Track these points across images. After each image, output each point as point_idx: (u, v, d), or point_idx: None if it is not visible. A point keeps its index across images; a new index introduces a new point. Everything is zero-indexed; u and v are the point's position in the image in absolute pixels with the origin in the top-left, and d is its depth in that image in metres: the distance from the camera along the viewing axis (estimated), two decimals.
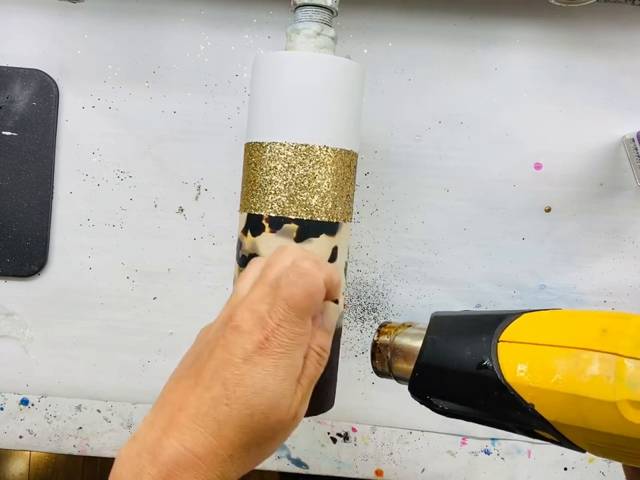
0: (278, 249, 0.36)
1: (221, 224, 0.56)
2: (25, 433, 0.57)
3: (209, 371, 0.32)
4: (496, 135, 0.55)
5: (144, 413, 0.57)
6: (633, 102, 0.54)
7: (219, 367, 0.32)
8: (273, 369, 0.32)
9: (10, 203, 0.55)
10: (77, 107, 0.56)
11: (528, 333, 0.29)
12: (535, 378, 0.28)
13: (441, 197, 0.55)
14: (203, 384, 0.32)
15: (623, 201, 0.55)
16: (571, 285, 0.56)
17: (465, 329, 0.31)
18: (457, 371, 0.30)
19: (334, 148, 0.40)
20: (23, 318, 0.57)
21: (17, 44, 0.55)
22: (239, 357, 0.32)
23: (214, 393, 0.31)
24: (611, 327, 0.27)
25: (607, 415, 0.25)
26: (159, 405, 0.33)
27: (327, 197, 0.41)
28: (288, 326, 0.32)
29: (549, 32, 0.54)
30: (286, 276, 0.33)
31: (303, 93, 0.40)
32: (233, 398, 0.31)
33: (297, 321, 0.32)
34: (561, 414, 0.27)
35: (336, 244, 0.41)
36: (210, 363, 0.32)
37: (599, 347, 0.27)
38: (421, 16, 0.55)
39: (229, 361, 0.32)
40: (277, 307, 0.32)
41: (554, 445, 0.29)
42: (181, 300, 0.56)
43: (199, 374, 0.32)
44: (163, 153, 0.56)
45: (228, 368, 0.32)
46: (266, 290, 0.33)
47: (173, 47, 0.55)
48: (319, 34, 0.42)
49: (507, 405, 0.28)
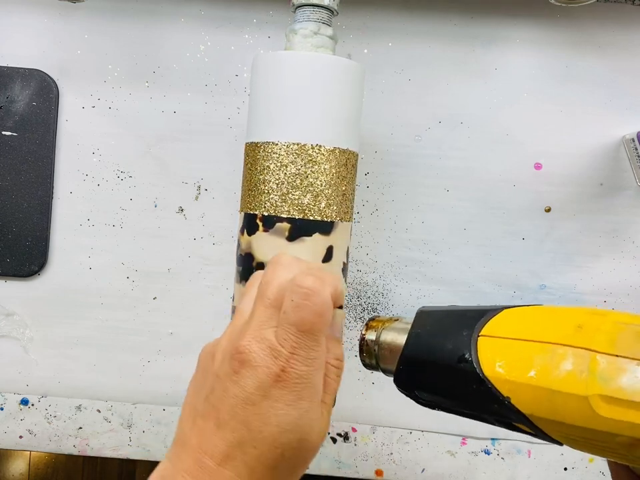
0: (271, 262, 0.34)
1: (221, 224, 0.56)
2: (24, 433, 0.57)
3: (228, 411, 0.30)
4: (496, 135, 0.55)
5: (144, 413, 0.57)
6: (633, 102, 0.54)
7: (237, 406, 0.30)
8: (296, 402, 0.30)
9: (10, 203, 0.55)
10: (77, 107, 0.56)
11: (507, 328, 0.30)
12: (511, 372, 0.28)
13: (441, 197, 0.55)
14: (225, 426, 0.30)
15: (623, 201, 0.55)
16: (571, 285, 0.56)
17: (448, 324, 0.32)
18: (439, 364, 0.31)
19: (327, 147, 0.40)
20: (22, 318, 0.57)
21: (17, 44, 0.55)
22: (257, 395, 0.29)
23: (240, 436, 0.29)
24: (587, 323, 0.27)
25: (580, 409, 0.26)
26: (180, 444, 0.31)
27: (321, 196, 0.40)
28: (303, 352, 0.30)
29: (549, 32, 0.54)
30: (290, 299, 0.30)
31: (300, 92, 0.40)
32: (260, 439, 0.29)
33: (312, 344, 0.30)
34: (536, 407, 0.28)
35: (331, 243, 0.41)
36: (227, 402, 0.30)
37: (573, 342, 0.27)
38: (421, 16, 0.55)
39: (247, 399, 0.29)
40: (287, 333, 0.30)
41: (533, 437, 0.30)
42: (181, 300, 0.56)
43: (217, 413, 0.30)
44: (163, 153, 0.56)
45: (248, 408, 0.29)
46: (268, 312, 0.31)
47: (173, 47, 0.55)
48: (318, 34, 0.42)
49: (485, 398, 0.29)
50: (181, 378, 0.57)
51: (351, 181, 0.43)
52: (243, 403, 0.29)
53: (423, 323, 0.33)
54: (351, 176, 0.43)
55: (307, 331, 0.30)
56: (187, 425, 0.31)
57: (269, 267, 0.33)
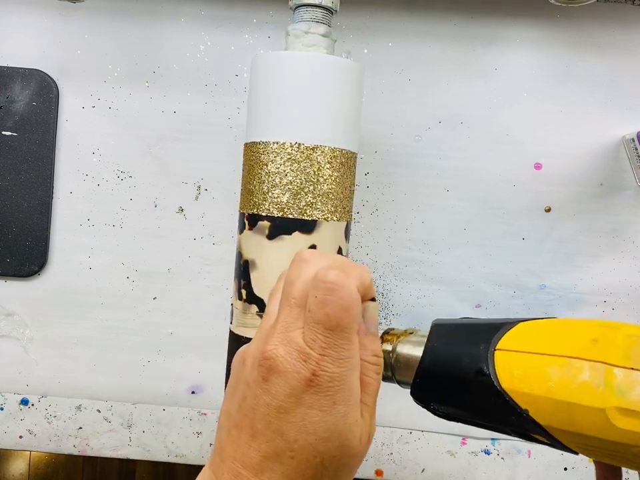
0: (294, 260, 0.31)
1: (221, 224, 0.56)
2: (24, 433, 0.57)
3: (261, 420, 0.28)
4: (496, 135, 0.55)
5: (144, 413, 0.57)
6: (633, 102, 0.54)
7: (270, 415, 0.28)
8: (331, 407, 0.28)
9: (10, 203, 0.55)
10: (77, 107, 0.56)
11: (523, 341, 0.30)
12: (529, 385, 0.29)
13: (441, 197, 0.55)
14: (260, 436, 0.28)
15: (623, 201, 0.55)
16: (571, 285, 0.56)
17: (464, 337, 0.32)
18: (456, 378, 0.31)
19: (326, 147, 0.40)
20: (22, 318, 0.57)
21: (17, 44, 0.55)
22: (289, 402, 0.28)
23: (275, 447, 0.28)
24: (601, 337, 0.28)
25: (597, 420, 0.27)
26: (219, 453, 0.30)
27: (300, 194, 0.40)
28: (333, 352, 0.28)
29: (549, 32, 0.54)
30: (313, 296, 0.29)
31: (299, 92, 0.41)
32: (297, 449, 0.28)
33: (342, 342, 0.28)
34: (554, 419, 0.28)
35: (314, 242, 0.41)
36: (259, 411, 0.28)
37: (589, 356, 0.28)
38: (421, 16, 0.55)
39: (279, 408, 0.28)
40: (314, 333, 0.28)
41: (549, 447, 0.31)
42: (181, 300, 0.56)
43: (251, 422, 0.29)
44: (163, 152, 0.56)
45: (281, 416, 0.28)
46: (294, 312, 0.29)
47: (173, 47, 0.55)
48: (317, 34, 0.42)
49: (503, 410, 0.30)
50: (180, 378, 0.57)
51: (350, 180, 0.43)
52: (276, 412, 0.28)
53: (438, 335, 0.33)
54: (350, 176, 0.43)
55: (334, 329, 0.28)
56: (223, 433, 0.30)
57: (292, 265, 0.31)
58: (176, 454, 0.57)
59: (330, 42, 0.42)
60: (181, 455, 0.57)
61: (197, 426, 0.57)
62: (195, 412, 0.57)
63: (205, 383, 0.57)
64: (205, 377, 0.57)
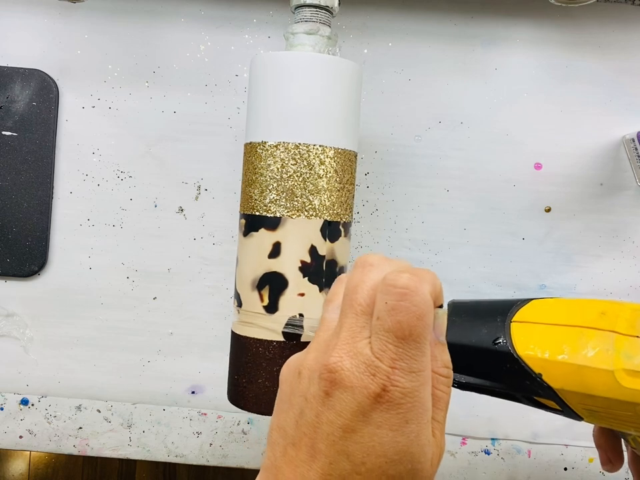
0: (356, 264, 0.29)
1: (221, 224, 0.56)
2: (24, 433, 0.57)
3: (324, 440, 0.26)
4: (496, 135, 0.55)
5: (144, 413, 0.57)
6: (632, 102, 0.54)
7: (334, 434, 0.26)
8: (403, 426, 0.25)
9: (10, 203, 0.55)
10: (77, 106, 0.56)
11: (537, 315, 0.34)
12: (543, 351, 0.32)
13: (441, 197, 0.55)
14: (322, 457, 0.26)
15: (623, 201, 0.55)
16: (571, 285, 0.56)
17: (482, 312, 0.35)
18: (475, 347, 0.33)
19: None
20: (22, 318, 0.57)
21: (17, 44, 0.55)
22: (356, 421, 0.25)
23: (340, 469, 0.25)
24: (609, 310, 0.32)
25: (606, 381, 0.30)
26: (273, 474, 0.27)
27: (266, 191, 0.41)
28: (405, 364, 0.26)
29: (549, 32, 0.54)
30: (382, 302, 0.26)
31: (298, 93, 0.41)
32: (364, 472, 0.25)
33: (414, 353, 0.26)
34: (566, 382, 0.31)
35: (278, 239, 0.41)
36: (321, 429, 0.26)
37: (599, 325, 0.31)
38: (421, 16, 0.55)
39: (344, 427, 0.25)
40: (384, 343, 0.26)
41: (555, 413, 0.34)
42: (181, 300, 0.56)
43: (311, 442, 0.26)
44: (163, 153, 0.56)
45: (347, 436, 0.25)
46: (360, 320, 0.27)
47: (173, 47, 0.55)
48: (317, 34, 0.42)
49: (518, 376, 0.32)
50: (180, 378, 0.57)
51: (350, 180, 0.43)
52: (341, 431, 0.25)
53: (457, 311, 0.35)
54: (350, 176, 0.43)
55: (407, 338, 0.26)
56: (278, 451, 0.27)
57: (355, 269, 0.29)
58: (176, 454, 0.57)
59: (330, 42, 0.43)
60: (180, 455, 0.57)
61: (196, 426, 0.57)
62: (194, 412, 0.57)
63: (205, 383, 0.57)
64: (205, 377, 0.57)
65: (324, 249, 0.41)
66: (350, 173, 0.43)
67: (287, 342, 0.40)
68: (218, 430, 0.57)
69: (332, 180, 0.41)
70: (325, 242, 0.41)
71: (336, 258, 0.42)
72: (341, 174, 0.42)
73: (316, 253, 0.41)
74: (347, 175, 0.42)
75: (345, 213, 0.42)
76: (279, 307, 0.41)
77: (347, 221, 0.43)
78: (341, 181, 0.42)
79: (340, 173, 0.41)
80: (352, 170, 0.43)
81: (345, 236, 0.43)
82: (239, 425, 0.57)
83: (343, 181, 0.42)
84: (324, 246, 0.41)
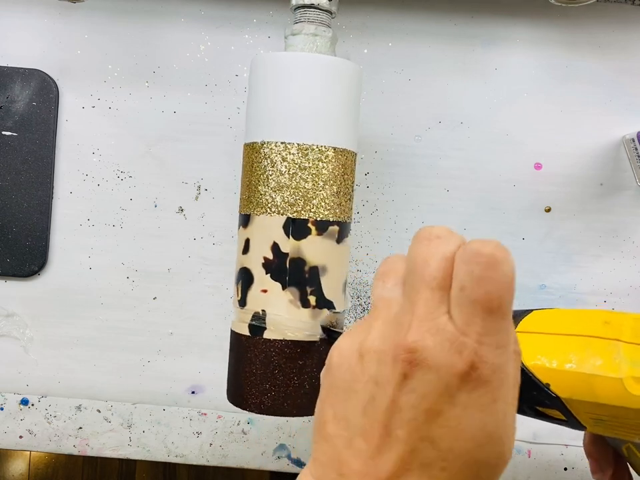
0: (419, 238, 0.26)
1: (221, 224, 0.56)
2: (24, 433, 0.57)
3: (403, 426, 0.24)
4: (496, 135, 0.55)
5: (144, 413, 0.57)
6: (632, 102, 0.54)
7: (417, 420, 0.24)
8: (492, 405, 0.24)
9: (10, 203, 0.55)
10: (77, 106, 0.56)
11: (540, 325, 0.34)
12: (550, 361, 0.32)
13: (441, 197, 0.55)
14: (400, 445, 0.24)
15: (623, 201, 0.55)
16: (571, 285, 0.56)
17: None
18: None
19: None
20: (22, 318, 0.57)
21: (17, 44, 0.55)
22: (442, 402, 0.23)
23: (422, 457, 0.23)
24: (612, 320, 0.32)
25: (615, 389, 0.30)
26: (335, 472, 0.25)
27: (243, 189, 0.43)
28: (493, 339, 0.24)
29: (549, 32, 0.54)
30: (467, 273, 0.24)
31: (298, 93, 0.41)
32: (451, 459, 0.23)
33: (501, 327, 0.24)
34: (574, 391, 0.32)
35: (248, 236, 0.42)
36: (400, 416, 0.24)
37: (604, 334, 0.32)
38: (421, 16, 0.55)
39: (428, 410, 0.23)
40: (469, 315, 0.24)
41: (557, 424, 0.34)
42: (181, 300, 0.56)
43: (386, 430, 0.24)
44: (163, 153, 0.56)
45: (432, 420, 0.23)
46: (437, 295, 0.25)
47: (173, 47, 0.55)
48: (317, 35, 0.42)
49: (525, 386, 0.32)
50: (180, 378, 0.57)
51: (350, 180, 0.43)
52: (424, 415, 0.23)
53: None
54: (350, 176, 0.43)
55: (495, 310, 0.24)
56: (339, 443, 0.25)
57: (419, 242, 0.26)
58: (176, 454, 0.57)
59: (330, 43, 0.43)
60: (180, 455, 0.57)
61: (196, 426, 0.57)
62: (194, 412, 0.57)
63: (205, 383, 0.57)
64: (205, 377, 0.57)
65: (287, 247, 0.40)
66: (350, 172, 0.43)
67: (286, 341, 0.40)
68: (218, 430, 0.57)
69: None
70: (289, 239, 0.40)
71: (303, 256, 0.40)
72: (341, 173, 0.42)
73: (278, 250, 0.40)
74: (347, 174, 0.42)
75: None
76: (247, 302, 0.41)
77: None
78: (341, 180, 0.42)
79: (340, 172, 0.41)
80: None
81: (339, 237, 0.42)
82: (239, 424, 0.57)
83: (344, 181, 0.42)
84: (287, 243, 0.40)
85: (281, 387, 0.40)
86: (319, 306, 0.41)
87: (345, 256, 0.43)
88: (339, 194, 0.42)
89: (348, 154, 0.42)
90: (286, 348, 0.40)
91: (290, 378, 0.40)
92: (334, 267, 0.41)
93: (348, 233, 0.43)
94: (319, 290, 0.41)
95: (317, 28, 0.42)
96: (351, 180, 0.43)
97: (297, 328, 0.40)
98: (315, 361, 0.41)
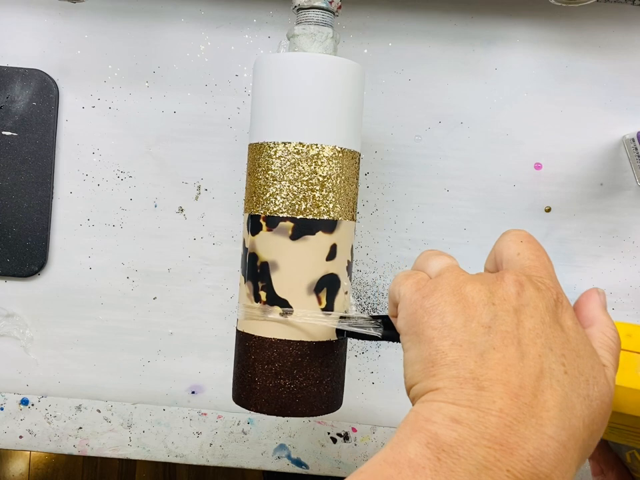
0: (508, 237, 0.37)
1: (221, 224, 0.56)
2: (24, 433, 0.57)
3: (537, 342, 0.27)
4: (496, 135, 0.55)
5: (144, 413, 0.57)
6: (632, 102, 0.54)
7: (535, 328, 0.27)
8: (579, 326, 0.30)
9: (10, 203, 0.55)
10: (77, 106, 0.56)
11: None
12: None
13: (441, 197, 0.55)
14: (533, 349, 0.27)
15: (623, 201, 0.55)
16: (571, 285, 0.56)
17: None
18: None
19: (330, 147, 0.41)
20: (22, 318, 0.57)
21: (17, 44, 0.55)
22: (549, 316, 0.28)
23: (548, 362, 0.27)
24: (634, 333, 0.35)
25: (635, 400, 0.33)
26: (472, 387, 0.26)
27: (324, 195, 0.42)
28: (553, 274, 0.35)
29: (549, 32, 0.54)
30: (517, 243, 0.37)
31: (303, 93, 0.41)
32: (567, 363, 0.27)
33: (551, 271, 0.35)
34: None
35: (335, 241, 0.42)
36: (523, 324, 0.28)
37: (627, 347, 0.34)
38: (421, 16, 0.55)
39: (543, 321, 0.28)
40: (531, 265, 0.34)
41: None
42: (181, 300, 0.56)
43: (518, 340, 0.27)
44: (163, 153, 0.56)
45: (546, 329, 0.28)
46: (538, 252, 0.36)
47: (173, 47, 0.55)
48: (319, 35, 0.42)
49: None
50: (180, 378, 0.57)
51: (354, 180, 0.43)
52: (541, 324, 0.28)
53: None
54: (354, 176, 0.43)
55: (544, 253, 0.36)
56: (469, 362, 0.27)
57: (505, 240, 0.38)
58: (176, 454, 0.57)
59: (332, 43, 0.43)
60: (180, 455, 0.57)
61: (196, 426, 0.57)
62: (195, 412, 0.57)
63: (205, 383, 0.57)
64: (205, 377, 0.57)
65: (247, 242, 0.42)
66: (353, 172, 0.43)
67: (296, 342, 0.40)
68: (218, 430, 0.57)
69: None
70: (248, 235, 0.42)
71: (256, 251, 0.41)
72: (345, 174, 0.42)
73: (244, 245, 0.43)
74: (351, 174, 0.42)
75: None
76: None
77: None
78: (346, 180, 0.42)
79: (344, 172, 0.41)
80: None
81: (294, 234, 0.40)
82: (239, 424, 0.57)
83: (347, 181, 0.42)
84: (247, 238, 0.42)
85: (289, 388, 0.40)
86: (269, 302, 0.40)
87: (307, 254, 0.41)
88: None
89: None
90: (296, 349, 0.40)
91: (298, 378, 0.40)
92: (287, 265, 0.40)
93: (316, 232, 0.41)
94: (270, 286, 0.41)
95: (319, 28, 0.42)
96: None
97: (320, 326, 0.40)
98: (322, 361, 0.41)
